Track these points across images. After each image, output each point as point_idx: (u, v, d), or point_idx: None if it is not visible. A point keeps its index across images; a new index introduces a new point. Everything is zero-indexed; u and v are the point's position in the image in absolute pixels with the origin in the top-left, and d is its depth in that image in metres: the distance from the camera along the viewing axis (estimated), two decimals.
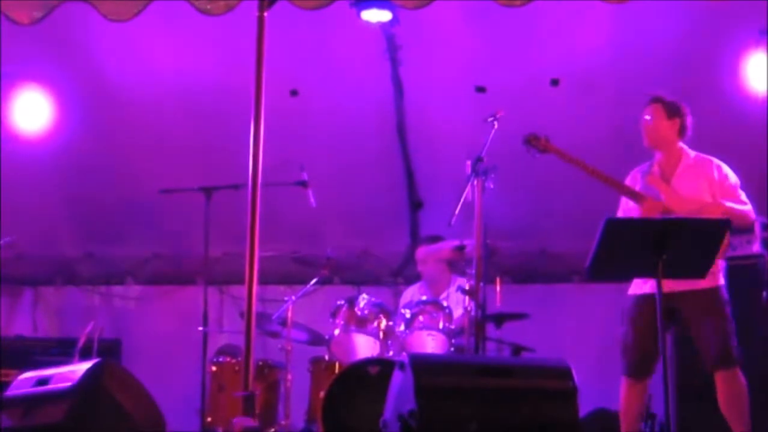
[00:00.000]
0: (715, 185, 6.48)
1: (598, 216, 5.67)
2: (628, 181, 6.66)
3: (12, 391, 5.65)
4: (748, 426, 6.28)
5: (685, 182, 6.52)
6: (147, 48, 8.27)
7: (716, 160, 6.59)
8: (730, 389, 6.29)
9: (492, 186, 6.68)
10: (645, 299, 6.27)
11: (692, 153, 6.62)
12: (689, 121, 6.62)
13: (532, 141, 6.65)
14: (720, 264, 6.37)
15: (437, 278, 8.45)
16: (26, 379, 5.66)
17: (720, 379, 6.30)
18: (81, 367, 5.45)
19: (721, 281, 6.39)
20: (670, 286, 5.91)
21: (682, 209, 6.33)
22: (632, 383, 6.47)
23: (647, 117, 6.63)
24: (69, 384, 5.27)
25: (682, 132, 6.63)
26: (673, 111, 6.60)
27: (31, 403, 5.37)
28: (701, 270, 5.88)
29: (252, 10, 5.77)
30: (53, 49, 8.23)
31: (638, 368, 6.43)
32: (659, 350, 6.10)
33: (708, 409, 6.49)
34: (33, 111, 8.72)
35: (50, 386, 5.37)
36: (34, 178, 9.04)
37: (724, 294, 6.39)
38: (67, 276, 9.96)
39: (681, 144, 6.64)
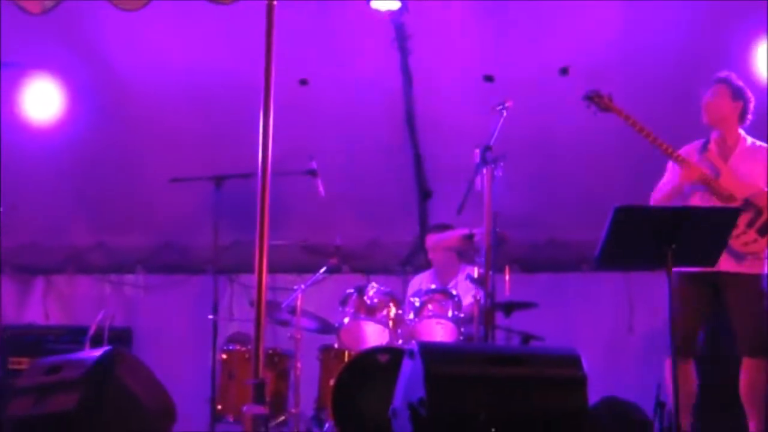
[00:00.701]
0: None
1: (606, 205, 5.68)
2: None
3: (24, 380, 5.69)
4: (763, 420, 6.30)
5: (742, 164, 6.55)
6: (156, 38, 8.28)
7: None
8: (754, 379, 6.34)
9: (501, 174, 6.67)
10: (690, 277, 6.27)
11: (749, 138, 6.65)
12: (751, 107, 6.65)
13: (594, 98, 6.57)
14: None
15: (446, 266, 8.46)
16: (37, 366, 5.70)
17: (746, 365, 6.35)
18: (92, 355, 5.49)
19: (766, 269, 6.41)
20: (717, 265, 5.93)
21: (737, 190, 6.34)
22: (678, 363, 6.41)
23: (710, 96, 6.61)
24: (80, 372, 5.30)
25: (743, 116, 6.65)
26: (738, 94, 6.63)
27: (42, 391, 5.40)
28: (710, 259, 5.89)
29: None
30: (63, 39, 8.25)
31: (683, 346, 6.40)
32: (701, 328, 6.14)
33: (719, 399, 6.51)
34: (43, 101, 8.74)
35: (61, 374, 5.40)
36: (45, 168, 9.07)
37: (765, 283, 6.42)
38: (78, 264, 9.99)
39: (740, 128, 6.66)
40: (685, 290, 6.38)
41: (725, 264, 6.16)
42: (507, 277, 7.67)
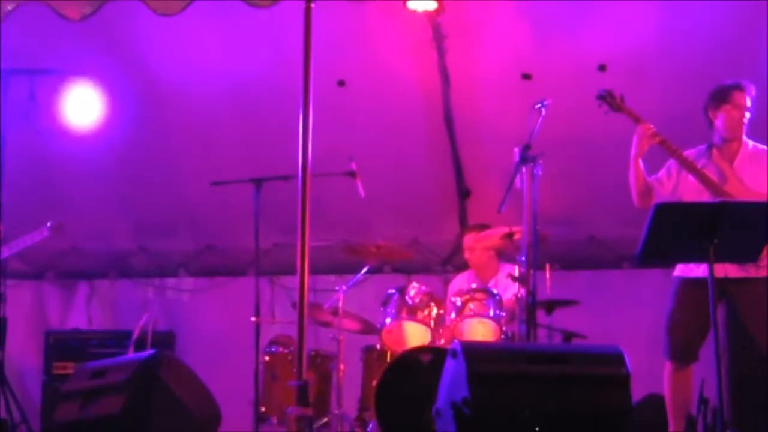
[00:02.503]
0: None
1: None
2: None
3: (69, 384, 5.73)
4: None
5: (746, 169, 6.49)
6: (195, 41, 8.31)
7: None
8: None
9: (540, 173, 6.66)
10: (695, 282, 6.26)
11: (750, 142, 6.60)
12: None
13: (606, 98, 6.57)
14: None
15: (485, 266, 8.44)
16: (83, 371, 5.74)
17: None
18: (137, 359, 5.53)
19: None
20: (722, 272, 5.90)
21: (743, 195, 6.30)
22: (676, 368, 6.49)
23: (749, 106, 6.56)
24: (125, 375, 5.33)
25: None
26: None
27: (88, 395, 5.44)
28: (753, 254, 5.87)
29: (298, 1, 5.80)
30: (102, 45, 8.29)
31: (682, 351, 6.45)
32: (705, 335, 6.12)
33: (762, 394, 6.47)
34: (84, 107, 8.78)
35: (107, 378, 5.44)
36: (87, 173, 9.13)
37: None
38: (121, 269, 10.05)
39: None
40: (689, 296, 6.38)
41: (729, 270, 6.14)
42: (548, 275, 7.66)
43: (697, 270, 6.27)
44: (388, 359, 7.49)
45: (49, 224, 8.44)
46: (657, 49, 8.13)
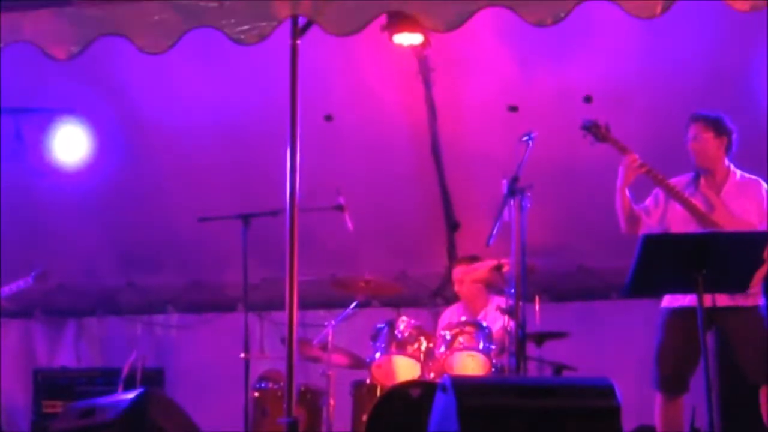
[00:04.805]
0: (763, 208, 6.45)
1: None
2: None
3: (58, 423, 5.70)
4: None
5: (733, 200, 6.48)
6: (182, 78, 8.32)
7: (764, 183, 6.57)
8: None
9: (529, 205, 6.65)
10: (683, 313, 6.25)
11: (738, 172, 6.59)
12: (735, 137, 6.59)
13: (591, 128, 6.54)
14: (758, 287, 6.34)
15: (475, 298, 8.43)
16: (71, 410, 5.71)
17: (765, 394, 6.30)
18: (126, 397, 5.50)
19: (761, 301, 6.38)
20: (710, 301, 5.89)
21: (731, 225, 6.29)
22: (666, 399, 6.47)
23: (697, 136, 6.57)
24: (114, 414, 5.31)
25: (728, 149, 6.60)
26: (721, 129, 6.56)
27: None
28: (742, 284, 5.84)
29: (284, 38, 5.82)
30: (89, 83, 8.31)
31: (672, 382, 6.44)
32: (695, 365, 6.11)
33: (753, 424, 6.47)
34: (72, 144, 8.79)
35: (96, 417, 5.41)
36: (74, 211, 9.13)
37: (764, 312, 6.38)
38: (108, 306, 10.03)
39: (727, 161, 6.62)
40: (677, 326, 6.37)
41: (719, 299, 6.11)
42: (537, 307, 7.65)
43: (684, 300, 6.27)
44: (378, 394, 7.45)
45: (33, 273, 8.49)
46: (642, 79, 8.16)
